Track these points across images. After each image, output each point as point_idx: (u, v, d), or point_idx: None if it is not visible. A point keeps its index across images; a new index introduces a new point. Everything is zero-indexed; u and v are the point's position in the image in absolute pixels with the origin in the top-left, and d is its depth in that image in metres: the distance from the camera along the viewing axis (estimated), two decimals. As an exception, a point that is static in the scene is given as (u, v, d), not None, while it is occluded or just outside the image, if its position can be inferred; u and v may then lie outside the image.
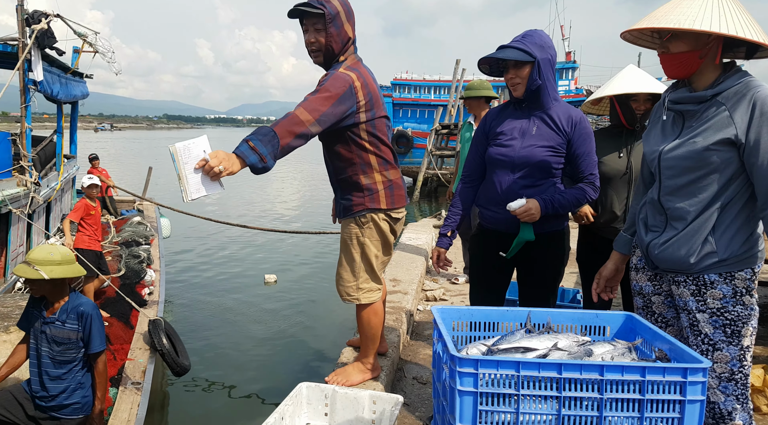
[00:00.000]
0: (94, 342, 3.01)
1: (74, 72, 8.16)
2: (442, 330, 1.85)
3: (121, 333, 5.37)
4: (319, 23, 2.61)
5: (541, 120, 2.53)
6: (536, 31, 2.52)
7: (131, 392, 4.28)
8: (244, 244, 13.91)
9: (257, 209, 19.84)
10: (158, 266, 7.62)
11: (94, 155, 11.34)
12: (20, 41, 6.07)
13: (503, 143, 2.57)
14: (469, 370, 1.60)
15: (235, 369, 7.04)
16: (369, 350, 3.05)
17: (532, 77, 2.43)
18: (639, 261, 2.13)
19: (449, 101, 24.92)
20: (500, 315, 2.09)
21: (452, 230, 2.78)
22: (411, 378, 3.47)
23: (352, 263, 2.88)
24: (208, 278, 10.83)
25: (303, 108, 2.40)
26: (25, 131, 6.12)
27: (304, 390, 2.58)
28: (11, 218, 5.69)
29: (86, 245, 5.72)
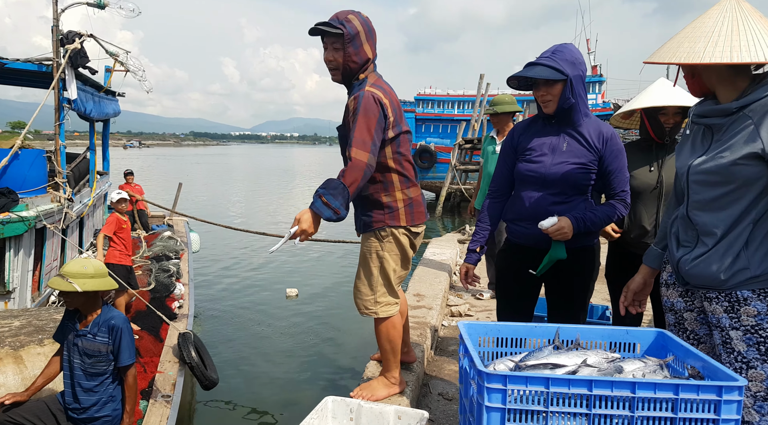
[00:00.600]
0: (123, 355, 3.02)
1: (107, 90, 8.35)
2: (468, 345, 1.85)
3: (151, 345, 5.43)
4: (338, 43, 2.65)
5: (571, 136, 2.50)
6: (566, 46, 2.47)
7: (161, 405, 4.32)
8: (266, 258, 14.04)
9: (280, 221, 20.01)
10: (187, 280, 7.73)
11: (129, 171, 11.57)
12: (55, 61, 6.24)
13: (533, 159, 2.55)
14: (498, 386, 1.60)
15: (259, 381, 7.07)
16: (391, 363, 3.04)
17: (565, 96, 2.40)
18: (670, 277, 2.09)
19: (473, 116, 24.89)
20: (528, 331, 2.08)
21: (481, 246, 2.76)
22: (436, 393, 3.45)
23: (370, 277, 2.87)
24: (232, 291, 10.94)
25: (356, 148, 2.52)
26: (60, 149, 6.26)
27: (329, 403, 2.58)
28: (46, 232, 5.84)
29: (117, 259, 5.82)
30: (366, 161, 2.52)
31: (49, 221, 5.64)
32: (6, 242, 5.17)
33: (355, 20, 2.65)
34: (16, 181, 5.59)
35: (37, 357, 3.56)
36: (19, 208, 5.16)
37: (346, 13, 2.67)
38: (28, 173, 5.79)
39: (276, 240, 12.57)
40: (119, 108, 9.11)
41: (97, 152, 8.84)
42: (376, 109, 2.57)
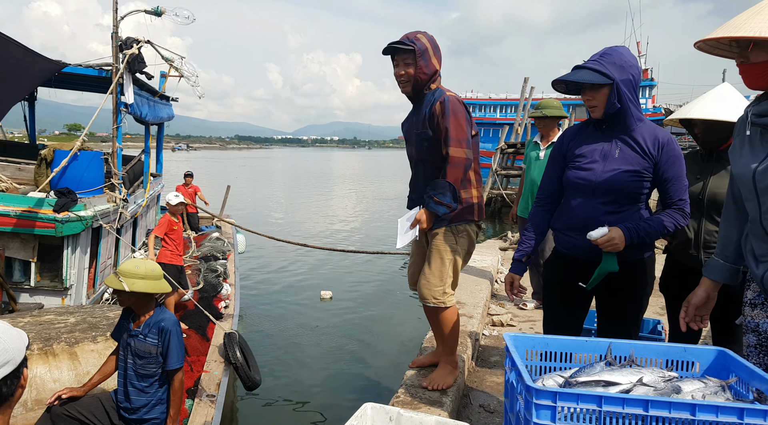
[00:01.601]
0: (171, 359, 3.02)
1: (161, 95, 8.58)
2: (515, 358, 1.83)
3: (198, 344, 5.56)
4: (409, 58, 2.95)
5: (624, 142, 2.41)
6: (616, 49, 2.40)
7: (206, 404, 4.42)
8: (303, 260, 14.22)
9: (317, 227, 20.18)
10: (234, 280, 7.88)
11: (189, 173, 11.87)
12: (114, 66, 6.44)
13: (583, 166, 2.47)
14: (547, 403, 1.57)
15: (297, 383, 7.14)
16: (453, 349, 3.27)
17: (610, 100, 2.32)
18: (757, 297, 1.96)
19: (516, 120, 24.58)
20: (578, 346, 2.04)
21: (527, 256, 2.72)
22: (477, 405, 3.41)
23: (442, 269, 3.08)
24: (268, 291, 11.11)
25: (453, 147, 2.86)
26: (116, 151, 6.46)
27: (368, 410, 2.58)
28: (102, 232, 6.05)
29: (168, 259, 5.98)
30: (465, 156, 2.86)
31: (105, 220, 5.84)
32: (65, 240, 5.38)
33: (423, 38, 2.96)
34: (75, 181, 5.80)
35: (90, 354, 3.64)
36: (78, 207, 5.35)
37: (414, 33, 2.99)
38: (86, 174, 5.99)
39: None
40: (173, 112, 9.32)
41: (151, 154, 9.12)
42: (462, 109, 2.91)
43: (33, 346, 3.53)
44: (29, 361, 3.37)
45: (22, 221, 5.14)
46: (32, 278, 5.45)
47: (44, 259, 5.48)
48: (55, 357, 3.53)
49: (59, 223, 5.19)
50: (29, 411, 3.34)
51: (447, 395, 3.19)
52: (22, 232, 5.22)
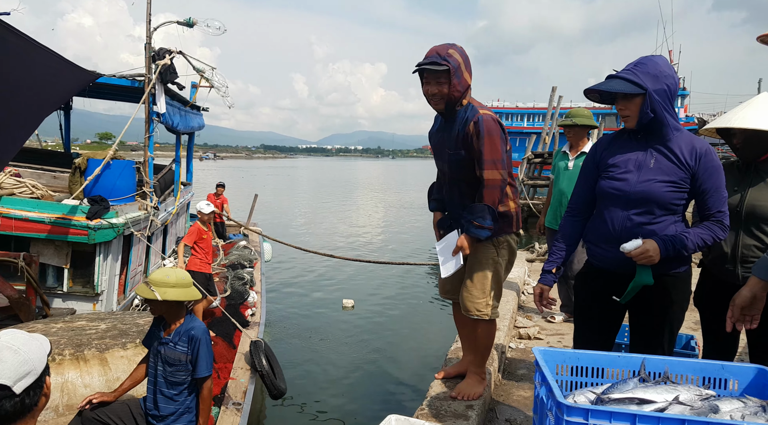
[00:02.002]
0: (200, 367, 3.02)
1: (192, 105, 8.69)
2: (546, 373, 1.80)
3: (225, 352, 5.59)
4: (442, 77, 2.86)
5: (660, 152, 2.35)
6: (651, 58, 2.35)
7: (232, 412, 4.43)
8: (325, 269, 14.31)
9: (342, 237, 20.24)
10: (260, 288, 7.94)
11: (221, 183, 12.07)
12: (146, 77, 6.55)
13: (616, 176, 2.41)
14: (578, 420, 1.54)
15: (321, 392, 7.15)
16: (484, 360, 3.27)
17: (643, 110, 2.28)
18: None
19: (543, 129, 24.35)
20: (610, 361, 2.00)
21: (557, 267, 2.67)
22: (503, 419, 3.36)
23: (485, 281, 3.08)
24: (290, 299, 11.18)
25: (488, 170, 2.85)
26: (148, 160, 6.57)
27: (393, 422, 2.56)
28: (133, 239, 6.16)
29: (197, 267, 6.05)
30: (500, 177, 2.87)
31: (136, 228, 5.93)
32: (97, 247, 5.49)
33: (455, 53, 2.87)
34: (108, 189, 5.91)
35: (120, 360, 3.68)
36: (110, 215, 5.45)
37: (446, 48, 2.87)
38: (119, 182, 6.11)
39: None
40: (203, 122, 9.42)
41: (182, 163, 9.26)
42: (497, 128, 2.87)
43: (65, 352, 3.59)
44: (61, 366, 3.45)
45: (56, 228, 5.27)
46: (65, 284, 5.57)
47: (77, 265, 5.59)
48: (86, 363, 3.58)
49: (92, 230, 5.30)
50: (60, 416, 3.39)
51: (473, 408, 3.15)
52: (56, 239, 5.35)
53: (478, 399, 3.23)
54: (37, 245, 5.39)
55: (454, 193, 3.13)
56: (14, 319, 4.75)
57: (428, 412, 3.12)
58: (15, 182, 5.50)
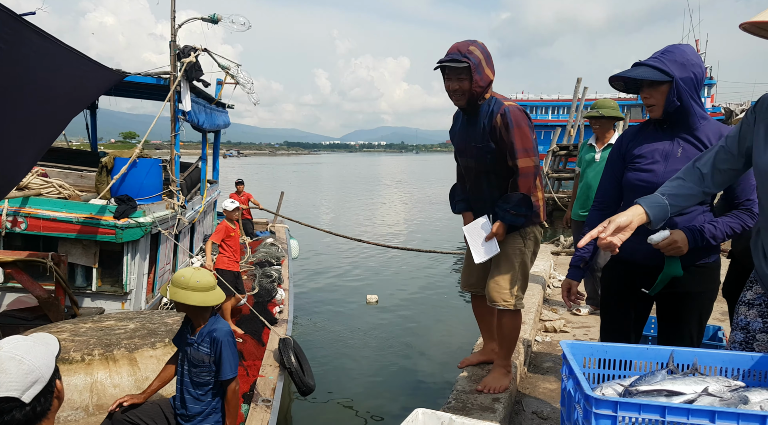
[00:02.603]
0: (224, 369, 2.97)
1: (218, 103, 8.68)
2: (573, 366, 1.77)
3: (254, 349, 5.64)
4: (463, 73, 2.91)
5: (687, 141, 2.31)
6: (679, 47, 2.32)
7: (261, 409, 4.47)
8: (348, 264, 14.40)
9: (366, 231, 20.35)
10: (287, 285, 7.99)
11: (239, 180, 12.19)
12: (172, 75, 6.56)
13: (643, 167, 2.38)
14: (607, 412, 1.52)
15: (348, 387, 7.18)
16: (510, 352, 3.30)
17: (669, 98, 2.24)
18: (757, 298, 1.98)
19: (569, 121, 24.05)
20: (638, 354, 1.96)
21: (585, 262, 2.64)
22: (530, 412, 3.35)
23: (512, 272, 3.12)
24: (316, 296, 11.23)
25: (521, 158, 2.92)
26: (174, 158, 6.62)
27: (420, 415, 2.56)
28: (160, 238, 6.23)
29: (225, 265, 6.10)
30: (533, 164, 2.96)
31: (163, 227, 6.00)
32: (125, 246, 5.57)
33: (476, 50, 2.91)
34: (135, 189, 5.96)
35: (149, 360, 3.70)
36: (137, 214, 5.52)
37: (467, 45, 2.93)
38: (145, 181, 6.16)
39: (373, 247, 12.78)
40: (229, 120, 9.36)
41: (208, 161, 9.32)
42: (524, 117, 2.95)
43: (94, 352, 3.63)
44: (91, 367, 3.49)
45: (84, 228, 5.35)
46: (94, 284, 5.67)
47: (105, 265, 5.68)
48: (116, 363, 3.61)
49: (119, 229, 5.38)
50: (90, 415, 3.42)
51: (499, 401, 3.14)
52: (84, 238, 5.43)
53: (504, 392, 3.24)
54: (65, 244, 5.49)
55: (482, 185, 3.15)
56: (44, 319, 4.84)
57: (455, 405, 3.14)
58: (42, 182, 5.60)
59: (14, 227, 5.26)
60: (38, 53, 2.95)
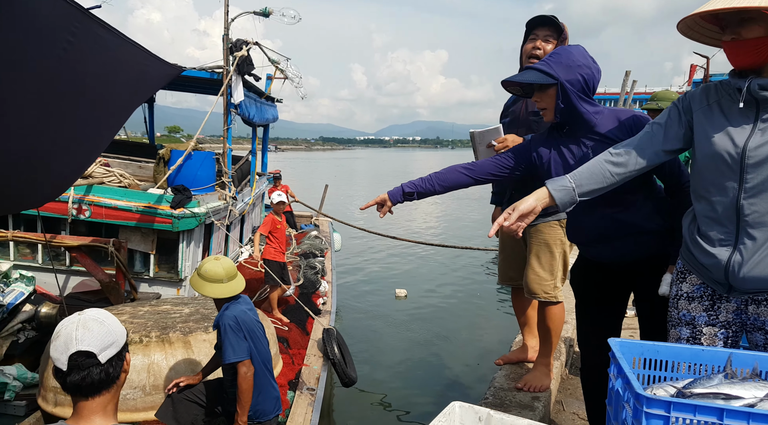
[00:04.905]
0: (224, 352, 2.98)
1: (267, 97, 8.79)
2: (623, 364, 1.75)
3: (299, 338, 5.76)
4: (553, 35, 2.96)
5: (591, 140, 2.29)
6: (566, 49, 2.31)
7: (306, 396, 4.57)
8: (378, 259, 14.46)
9: (399, 227, 20.41)
10: (331, 277, 8.10)
11: (278, 175, 12.40)
12: (225, 69, 6.66)
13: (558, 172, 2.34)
14: (659, 412, 1.50)
15: (384, 380, 7.26)
16: (550, 349, 3.23)
17: (556, 101, 2.24)
18: (696, 290, 1.97)
19: (617, 115, 23.30)
20: (693, 356, 1.92)
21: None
22: (571, 412, 3.32)
23: (553, 263, 3.08)
24: (348, 290, 11.31)
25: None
26: (227, 151, 6.76)
27: (456, 408, 2.56)
28: (213, 228, 6.43)
29: (272, 256, 6.25)
30: None
31: (216, 217, 6.18)
32: (180, 235, 5.78)
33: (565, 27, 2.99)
34: (189, 179, 6.16)
35: (203, 344, 3.82)
36: (192, 204, 5.71)
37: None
38: (200, 172, 6.36)
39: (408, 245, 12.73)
40: (277, 114, 9.43)
41: (257, 155, 9.49)
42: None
43: (152, 334, 3.78)
44: (148, 348, 3.65)
45: (143, 217, 5.57)
46: (151, 270, 5.89)
47: (162, 252, 5.90)
48: (171, 345, 3.75)
49: (176, 219, 5.57)
50: (147, 395, 3.57)
51: (539, 400, 3.12)
52: (143, 226, 5.65)
53: (545, 391, 3.21)
54: (125, 232, 5.73)
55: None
56: (105, 302, 5.07)
57: (492, 401, 3.12)
58: (105, 171, 5.85)
59: (79, 214, 5.52)
60: (103, 47, 3.07)
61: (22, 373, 4.59)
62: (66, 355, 1.50)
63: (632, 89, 23.93)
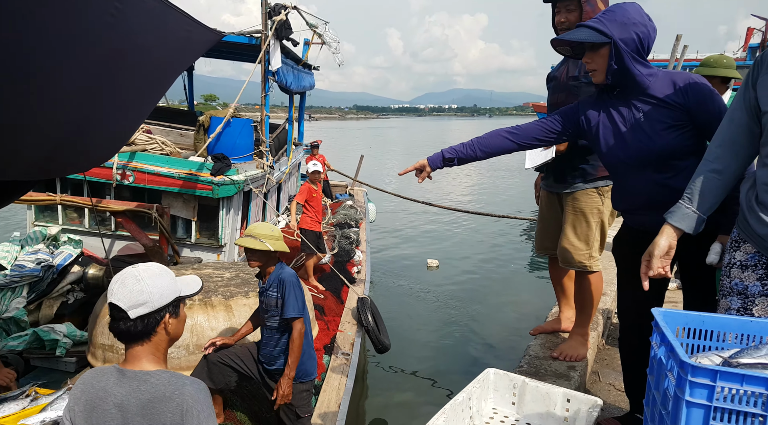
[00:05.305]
0: (287, 308, 3.06)
1: (304, 64, 8.66)
2: (666, 332, 1.74)
3: (334, 306, 5.88)
4: (572, 4, 2.82)
5: (644, 103, 2.20)
6: (621, 6, 2.20)
7: (341, 361, 4.68)
8: (411, 229, 14.51)
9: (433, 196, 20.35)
10: (365, 247, 8.17)
11: (315, 143, 12.43)
12: (263, 34, 6.54)
13: (609, 136, 2.29)
14: (704, 381, 1.49)
15: (417, 347, 7.38)
16: (587, 320, 3.19)
17: (609, 61, 2.15)
18: (750, 258, 1.89)
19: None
20: (740, 326, 1.89)
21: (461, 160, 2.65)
22: (607, 383, 3.31)
23: (588, 232, 3.01)
24: (380, 259, 11.39)
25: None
26: (264, 119, 6.76)
27: (491, 375, 2.59)
28: (251, 195, 6.53)
29: (308, 225, 6.32)
30: None
31: (254, 185, 6.27)
32: (220, 201, 5.89)
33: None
34: (229, 147, 6.23)
35: (243, 308, 3.93)
36: (231, 172, 5.80)
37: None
38: (238, 140, 6.42)
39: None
40: (314, 81, 9.31)
41: (294, 124, 9.48)
42: None
43: (195, 297, 3.91)
44: (192, 310, 3.76)
45: (185, 183, 5.69)
46: (193, 235, 6.04)
47: (202, 218, 6.03)
48: (213, 308, 3.87)
49: (216, 186, 5.67)
50: (191, 354, 3.71)
51: (575, 369, 3.12)
52: (185, 192, 5.78)
53: (581, 361, 3.19)
54: (168, 197, 5.86)
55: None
56: (150, 265, 5.25)
57: (527, 370, 3.13)
58: (147, 138, 5.97)
59: (123, 179, 5.67)
60: (148, 13, 3.08)
61: (72, 331, 4.80)
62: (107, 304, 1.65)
63: (683, 55, 22.91)
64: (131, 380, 1.60)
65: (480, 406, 2.51)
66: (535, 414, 2.50)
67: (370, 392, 6.41)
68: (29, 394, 2.93)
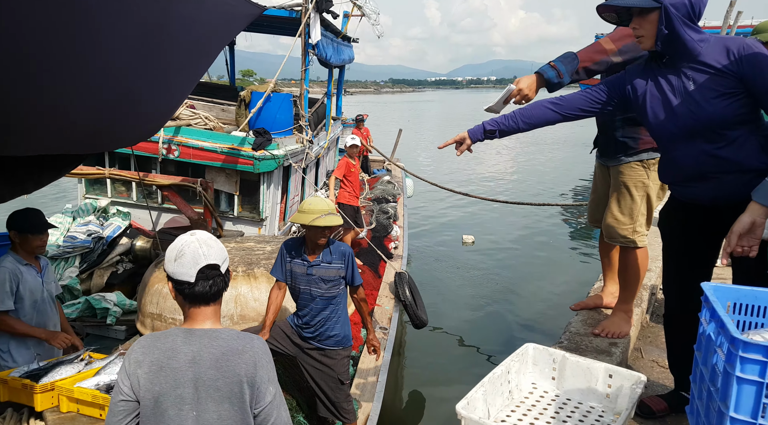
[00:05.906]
0: (356, 276, 3.33)
1: (344, 36, 8.55)
2: (717, 308, 1.70)
3: (371, 280, 5.92)
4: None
5: (695, 71, 2.10)
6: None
7: (379, 334, 4.74)
8: (446, 205, 14.43)
9: (469, 174, 20.03)
10: (402, 222, 8.18)
11: (360, 117, 12.34)
12: (303, 6, 6.46)
13: (657, 106, 2.20)
14: (756, 357, 1.46)
15: (455, 322, 7.41)
16: (631, 296, 3.13)
17: (658, 27, 2.05)
18: None
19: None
20: (794, 304, 1.83)
21: (503, 132, 2.58)
22: (650, 360, 3.26)
23: (633, 206, 2.94)
24: (418, 235, 11.42)
25: (609, 38, 2.64)
26: (304, 93, 6.75)
27: (530, 350, 2.57)
28: (291, 170, 6.60)
29: (346, 200, 6.36)
30: (609, 52, 2.72)
31: (293, 160, 6.32)
32: (261, 176, 5.98)
33: None
34: (269, 122, 6.26)
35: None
36: (272, 147, 5.86)
37: None
38: (278, 115, 6.45)
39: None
40: (353, 54, 9.16)
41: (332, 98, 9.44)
42: None
43: (238, 268, 3.99)
44: (235, 281, 3.84)
45: (228, 158, 5.78)
46: (235, 209, 6.16)
47: (244, 192, 6.14)
48: (256, 280, 3.95)
49: (257, 160, 5.75)
50: (235, 324, 3.81)
51: (617, 345, 3.08)
52: (227, 167, 5.88)
53: (624, 338, 3.14)
54: (211, 172, 5.97)
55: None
56: (194, 237, 5.38)
57: (567, 345, 3.10)
58: (191, 113, 6.07)
59: (169, 153, 5.80)
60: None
61: (122, 300, 4.99)
62: (195, 269, 1.72)
63: (736, 22, 21.86)
64: (201, 337, 1.70)
65: (519, 380, 2.50)
66: (575, 389, 2.47)
67: (407, 365, 6.49)
68: (83, 358, 3.07)
